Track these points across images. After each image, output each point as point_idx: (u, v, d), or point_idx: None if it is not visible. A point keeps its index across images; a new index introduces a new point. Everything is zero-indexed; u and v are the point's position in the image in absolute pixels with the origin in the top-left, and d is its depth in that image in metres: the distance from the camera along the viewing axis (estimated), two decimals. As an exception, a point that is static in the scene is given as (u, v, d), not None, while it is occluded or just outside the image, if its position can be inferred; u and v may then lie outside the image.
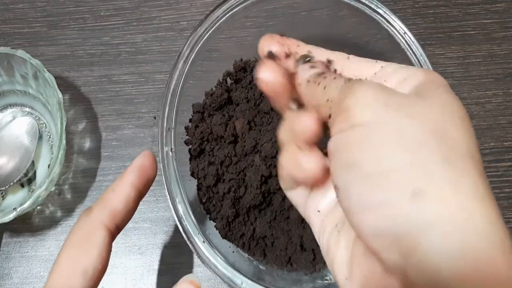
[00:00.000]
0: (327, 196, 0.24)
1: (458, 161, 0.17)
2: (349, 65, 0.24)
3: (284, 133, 0.24)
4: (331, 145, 0.20)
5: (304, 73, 0.23)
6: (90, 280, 0.24)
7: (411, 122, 0.18)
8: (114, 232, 0.25)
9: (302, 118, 0.22)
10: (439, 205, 0.17)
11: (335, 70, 0.24)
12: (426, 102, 0.19)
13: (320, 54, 0.24)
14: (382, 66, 0.23)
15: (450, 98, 0.20)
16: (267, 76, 0.23)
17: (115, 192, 0.26)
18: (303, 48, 0.24)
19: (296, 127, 0.23)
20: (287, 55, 0.24)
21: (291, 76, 0.24)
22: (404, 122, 0.18)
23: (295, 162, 0.23)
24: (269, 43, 0.24)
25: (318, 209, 0.24)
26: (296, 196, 0.25)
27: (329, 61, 0.24)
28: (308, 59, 0.24)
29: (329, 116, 0.21)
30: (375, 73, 0.23)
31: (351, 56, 0.24)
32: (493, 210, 0.17)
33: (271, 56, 0.24)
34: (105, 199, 0.26)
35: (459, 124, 0.19)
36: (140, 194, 0.27)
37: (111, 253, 0.26)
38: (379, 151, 0.18)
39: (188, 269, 0.43)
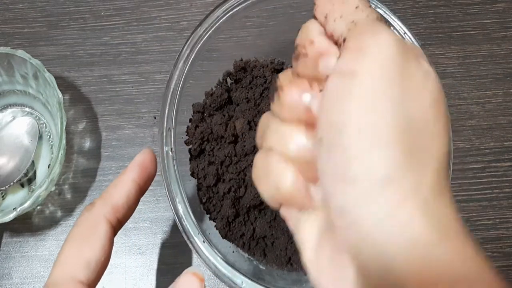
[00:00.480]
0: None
1: (422, 157, 0.17)
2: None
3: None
4: (328, 84, 0.18)
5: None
6: (94, 272, 0.24)
7: (404, 104, 0.17)
8: (116, 226, 0.26)
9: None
10: (398, 194, 0.16)
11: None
12: (426, 81, 0.18)
13: None
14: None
15: (440, 88, 0.19)
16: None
17: (117, 188, 0.26)
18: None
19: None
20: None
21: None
22: (398, 101, 0.17)
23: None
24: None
25: None
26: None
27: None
28: None
29: (344, 40, 0.19)
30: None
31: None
32: (447, 205, 0.17)
33: None
34: (107, 194, 0.26)
35: (442, 122, 0.18)
36: (141, 190, 0.27)
37: (111, 253, 0.26)
38: (367, 118, 0.17)
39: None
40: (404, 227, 0.16)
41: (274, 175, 0.21)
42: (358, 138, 0.17)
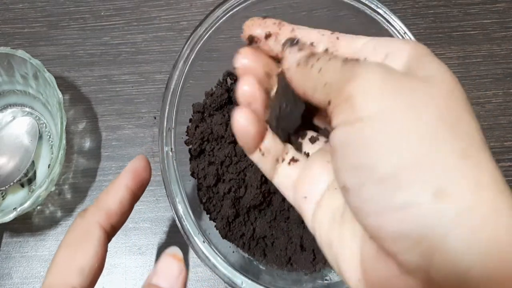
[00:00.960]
0: (313, 182, 0.23)
1: (474, 154, 0.17)
2: (338, 43, 0.23)
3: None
4: (335, 139, 0.19)
5: (293, 57, 0.22)
6: (87, 278, 0.24)
7: (421, 111, 0.17)
8: (110, 232, 0.26)
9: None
10: (463, 202, 0.16)
11: (326, 50, 0.22)
12: (430, 85, 0.18)
13: (306, 33, 0.23)
14: (363, 43, 0.22)
15: (451, 79, 0.19)
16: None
17: (110, 194, 0.26)
18: (286, 28, 0.23)
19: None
20: (267, 36, 0.23)
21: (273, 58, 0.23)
22: (414, 111, 0.17)
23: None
24: (250, 27, 0.24)
25: (304, 195, 0.23)
26: (279, 180, 0.25)
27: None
28: (295, 41, 0.23)
29: (328, 103, 0.19)
30: (355, 51, 0.22)
31: (340, 34, 0.23)
32: None
33: (251, 40, 0.24)
34: (100, 200, 0.26)
35: (467, 111, 0.18)
36: (135, 196, 0.27)
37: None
38: (392, 148, 0.17)
39: (188, 269, 0.43)
40: (476, 234, 0.16)
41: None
42: (396, 166, 0.17)
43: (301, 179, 0.24)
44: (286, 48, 0.23)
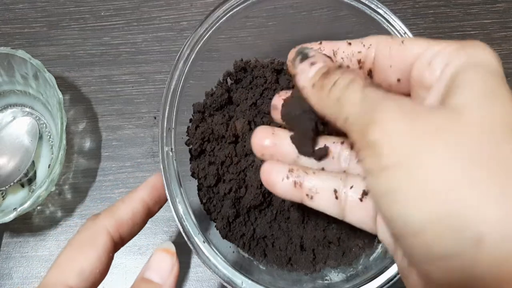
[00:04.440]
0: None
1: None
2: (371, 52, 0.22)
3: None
4: (370, 185, 0.18)
5: (306, 74, 0.21)
6: (86, 281, 0.24)
7: (450, 153, 0.16)
8: (118, 241, 0.26)
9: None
10: (499, 250, 0.15)
11: (340, 65, 0.21)
12: (459, 119, 0.17)
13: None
14: (402, 42, 0.21)
15: (489, 101, 0.17)
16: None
17: (124, 203, 0.26)
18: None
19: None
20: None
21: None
22: (443, 154, 0.16)
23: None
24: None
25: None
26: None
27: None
28: (305, 52, 0.21)
29: (354, 141, 0.18)
30: (405, 64, 0.21)
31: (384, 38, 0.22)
32: None
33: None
34: (113, 208, 0.26)
35: (505, 136, 0.16)
36: (149, 211, 0.27)
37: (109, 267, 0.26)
38: (420, 199, 0.16)
39: (188, 269, 0.43)
40: None
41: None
42: (427, 218, 0.16)
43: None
44: (297, 65, 0.22)
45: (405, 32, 0.33)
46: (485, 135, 0.16)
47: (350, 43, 0.23)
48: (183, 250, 0.44)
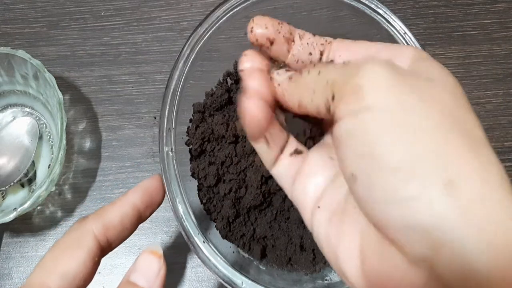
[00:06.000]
0: (313, 176, 0.23)
1: (481, 150, 0.17)
2: (335, 49, 0.23)
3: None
4: (341, 129, 0.19)
5: (282, 75, 0.22)
6: (69, 284, 0.23)
7: (429, 106, 0.17)
8: (105, 246, 0.25)
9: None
10: (472, 195, 0.16)
11: (320, 60, 0.23)
12: (434, 85, 0.18)
13: (301, 33, 0.24)
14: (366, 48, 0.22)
15: (453, 81, 0.19)
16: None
17: (114, 207, 0.26)
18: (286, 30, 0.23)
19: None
20: (271, 42, 0.23)
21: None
22: (422, 106, 0.17)
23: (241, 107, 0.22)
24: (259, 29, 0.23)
25: (303, 189, 0.23)
26: (279, 170, 0.24)
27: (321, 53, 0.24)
28: (282, 64, 0.23)
29: (332, 98, 0.19)
30: (356, 57, 0.22)
31: (336, 40, 0.23)
32: None
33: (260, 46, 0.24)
34: (102, 211, 0.26)
35: (470, 110, 0.18)
36: (140, 216, 0.26)
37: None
38: (402, 139, 0.17)
39: (188, 269, 0.43)
40: (483, 227, 0.16)
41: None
42: (406, 157, 0.17)
43: (301, 172, 0.23)
44: (273, 71, 0.23)
45: (405, 32, 0.33)
46: (455, 100, 0.18)
47: (314, 35, 0.24)
48: (183, 250, 0.44)
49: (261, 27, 0.23)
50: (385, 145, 0.17)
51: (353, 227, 0.20)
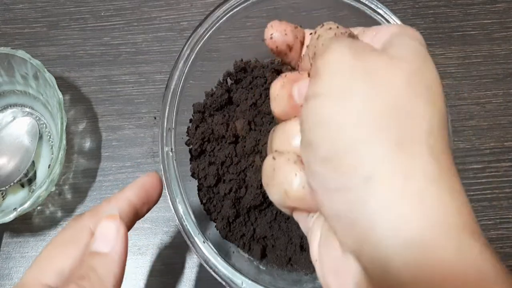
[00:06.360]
0: None
1: (410, 145, 0.16)
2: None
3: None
4: (303, 108, 0.19)
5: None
6: (66, 280, 0.23)
7: (376, 94, 0.17)
8: None
9: None
10: (389, 192, 0.16)
11: None
12: (395, 65, 0.17)
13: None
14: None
15: (421, 62, 0.18)
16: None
17: (109, 203, 0.25)
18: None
19: None
20: (290, 48, 0.23)
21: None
22: (368, 94, 0.17)
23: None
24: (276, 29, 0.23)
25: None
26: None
27: None
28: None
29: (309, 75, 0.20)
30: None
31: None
32: (446, 192, 0.16)
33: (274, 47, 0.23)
34: (98, 208, 0.25)
35: (424, 97, 0.17)
36: (136, 212, 0.26)
37: None
38: (336, 129, 0.17)
39: (188, 269, 0.43)
40: (398, 225, 0.16)
41: (281, 177, 0.21)
42: (336, 148, 0.17)
43: None
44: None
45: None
46: (409, 86, 0.17)
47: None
48: (183, 250, 0.44)
49: (280, 33, 0.22)
50: (321, 135, 0.17)
51: (320, 220, 0.20)
